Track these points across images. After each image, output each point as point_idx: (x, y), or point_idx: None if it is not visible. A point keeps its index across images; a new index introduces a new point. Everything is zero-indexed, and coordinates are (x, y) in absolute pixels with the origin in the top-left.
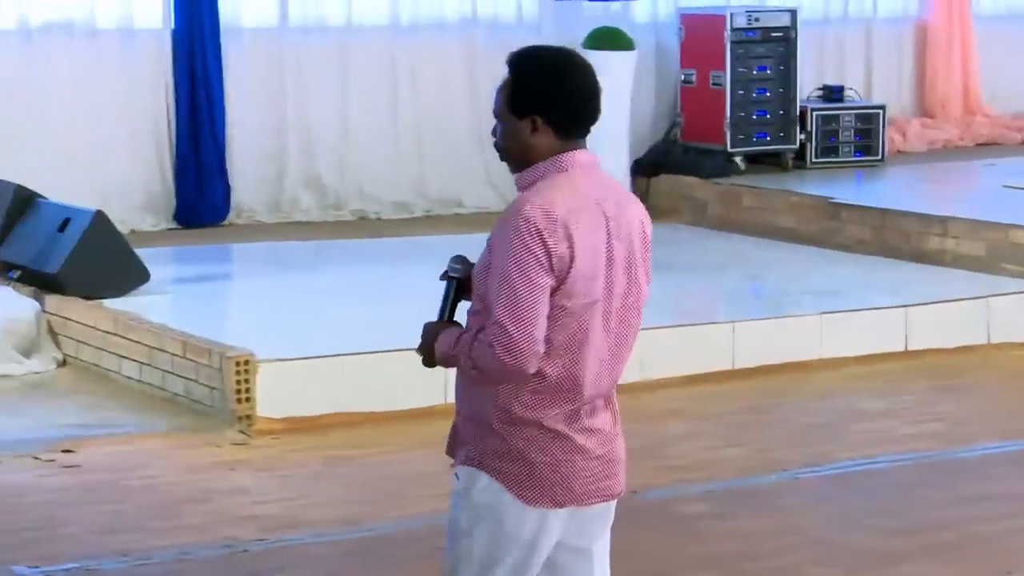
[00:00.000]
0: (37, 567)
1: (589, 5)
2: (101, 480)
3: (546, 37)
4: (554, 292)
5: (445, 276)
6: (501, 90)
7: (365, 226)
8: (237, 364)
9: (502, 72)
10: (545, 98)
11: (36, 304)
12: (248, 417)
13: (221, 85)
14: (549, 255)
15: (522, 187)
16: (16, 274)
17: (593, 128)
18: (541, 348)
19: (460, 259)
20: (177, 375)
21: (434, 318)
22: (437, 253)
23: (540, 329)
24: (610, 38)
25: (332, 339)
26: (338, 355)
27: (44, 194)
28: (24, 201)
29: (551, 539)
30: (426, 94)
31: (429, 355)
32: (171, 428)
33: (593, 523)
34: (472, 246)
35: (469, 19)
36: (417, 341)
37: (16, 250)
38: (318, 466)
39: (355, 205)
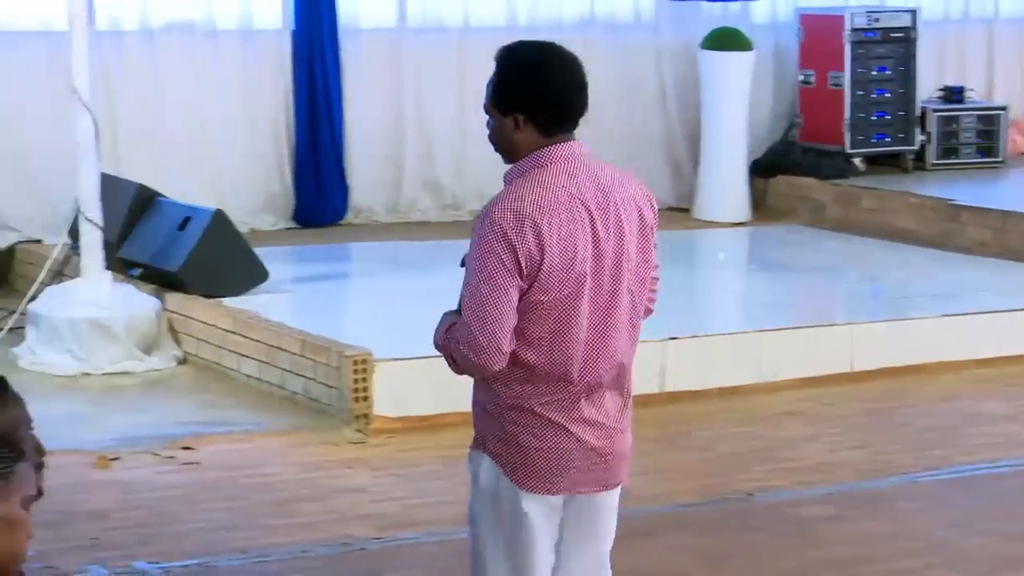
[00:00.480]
0: (156, 563)
1: (708, 6)
2: (219, 477)
3: (663, 38)
4: (528, 289)
5: (464, 264)
6: (488, 86)
7: None
8: (355, 363)
9: (618, 72)
10: (526, 96)
11: (157, 302)
12: (365, 416)
13: (339, 85)
14: (516, 255)
15: (506, 183)
16: (137, 272)
17: (714, 127)
18: (506, 346)
19: None
20: (295, 374)
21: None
22: None
23: (505, 328)
24: (728, 39)
25: None
26: None
27: (165, 193)
28: (145, 200)
29: (550, 522)
30: None
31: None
32: (289, 426)
33: (590, 510)
34: None
35: (587, 20)
36: None
37: (137, 248)
38: (433, 465)
39: (472, 205)
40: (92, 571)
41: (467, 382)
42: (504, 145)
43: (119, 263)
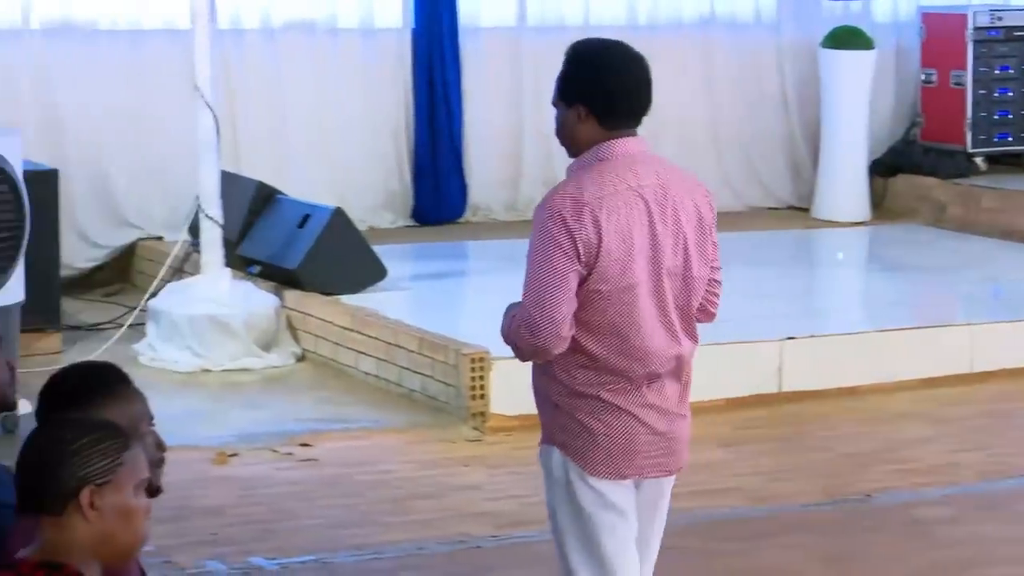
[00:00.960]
0: (273, 559)
1: (829, 4)
2: (336, 474)
3: (784, 36)
4: (587, 277)
5: None
6: (557, 79)
7: None
8: (472, 361)
9: (740, 73)
10: (589, 89)
11: (275, 299)
12: (482, 414)
13: (459, 84)
14: (574, 241)
15: (568, 174)
16: (256, 269)
17: (834, 126)
18: (564, 330)
19: None
20: (413, 371)
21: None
22: None
23: (562, 313)
24: (849, 38)
25: None
26: None
27: (285, 191)
28: (265, 198)
29: (621, 507)
30: (663, 94)
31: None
32: (406, 424)
33: (654, 494)
34: None
35: (707, 18)
36: None
37: (257, 246)
38: None
39: None
40: (210, 566)
41: None
42: (567, 137)
43: (238, 260)
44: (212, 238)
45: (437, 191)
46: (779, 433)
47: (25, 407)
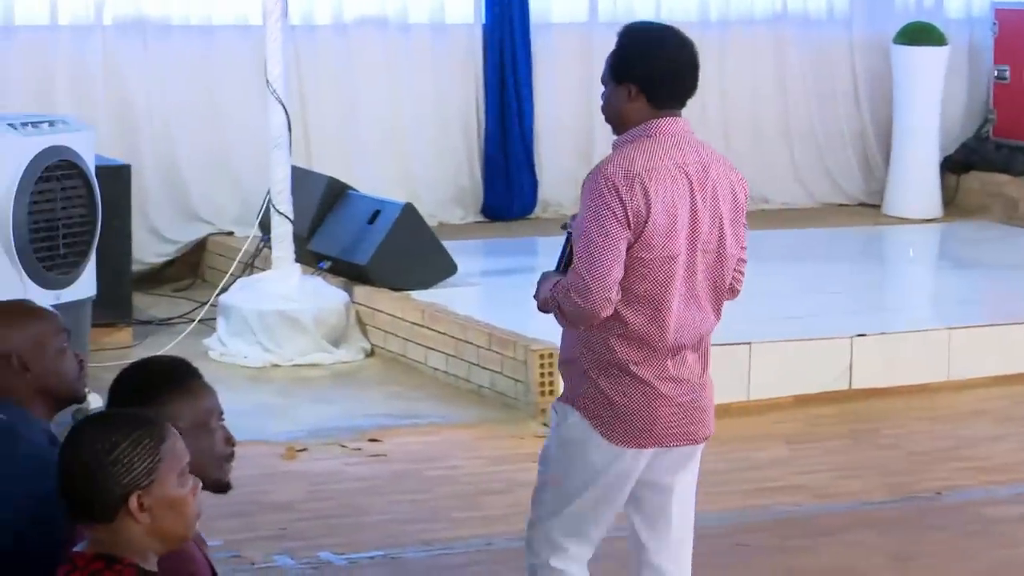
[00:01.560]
0: (342, 554)
1: (902, 0)
2: (405, 470)
3: (857, 32)
4: (633, 244)
5: (565, 227)
6: (608, 58)
7: None
8: (541, 357)
9: (812, 69)
10: (641, 68)
11: (345, 295)
12: None
13: (530, 80)
14: (625, 209)
15: (615, 149)
16: (326, 265)
17: (906, 123)
18: (614, 294)
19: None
20: (482, 367)
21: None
22: None
23: (613, 276)
24: (922, 34)
25: None
26: None
27: (355, 187)
28: (336, 193)
29: (632, 477)
30: (733, 89)
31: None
32: (475, 419)
33: (676, 463)
34: (777, 243)
35: (779, 14)
36: None
37: (327, 241)
38: None
39: None
40: (279, 561)
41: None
42: (615, 114)
43: (309, 256)
44: (283, 233)
45: (508, 187)
46: (847, 430)
47: (96, 401)
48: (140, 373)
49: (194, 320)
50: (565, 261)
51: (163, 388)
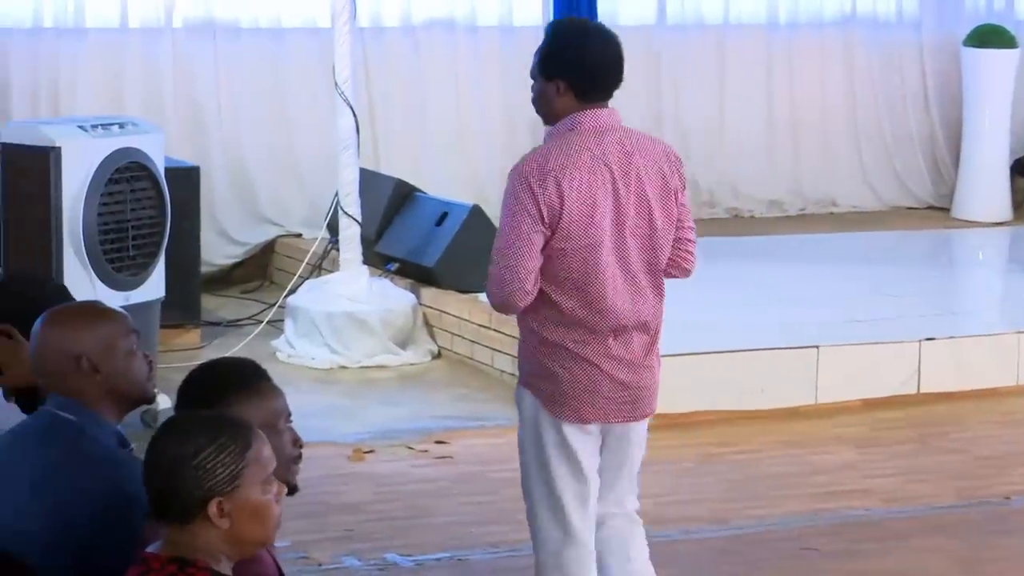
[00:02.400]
0: (409, 555)
1: (972, 2)
2: (472, 472)
3: (926, 34)
4: (552, 236)
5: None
6: (535, 54)
7: (738, 224)
8: None
9: (881, 72)
10: (569, 64)
11: (412, 297)
12: None
13: None
14: (538, 204)
15: (544, 141)
16: (394, 267)
17: (976, 126)
18: (529, 285)
19: None
20: None
21: None
22: (809, 252)
23: (526, 268)
24: (992, 36)
25: (702, 336)
26: (709, 352)
27: (423, 188)
28: (403, 195)
29: (587, 451)
30: (802, 92)
31: None
32: None
33: (622, 438)
34: (845, 246)
35: (848, 16)
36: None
37: (394, 243)
38: (687, 463)
39: (729, 203)
40: (346, 563)
41: (724, 379)
42: (545, 109)
43: (376, 258)
44: (350, 235)
45: None
46: (915, 434)
47: (164, 402)
48: (209, 374)
49: (262, 322)
50: None
51: (232, 390)
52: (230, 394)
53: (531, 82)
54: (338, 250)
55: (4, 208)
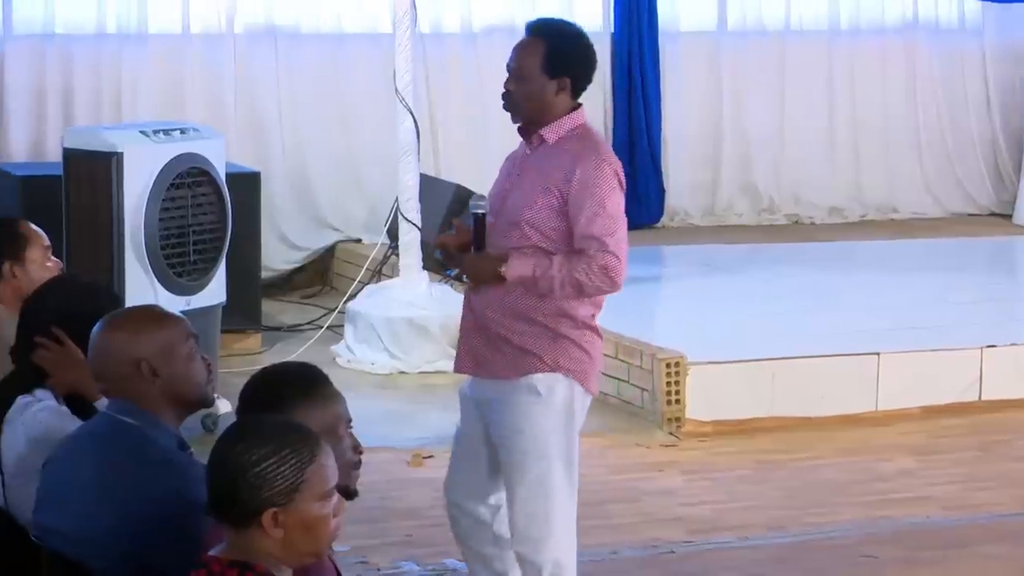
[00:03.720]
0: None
1: None
2: None
3: (989, 41)
4: None
5: (474, 212)
6: (525, 49)
7: (798, 230)
8: (667, 365)
9: (943, 78)
10: (577, 64)
11: None
12: (677, 419)
13: (658, 88)
14: (624, 193)
15: (559, 135)
16: (454, 272)
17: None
18: None
19: (482, 196)
20: (608, 375)
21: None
22: (870, 259)
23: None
24: None
25: (762, 342)
26: (768, 359)
27: (483, 194)
28: (464, 201)
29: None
30: (864, 99)
31: (495, 278)
32: (601, 428)
33: None
34: (907, 253)
35: (910, 23)
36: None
37: None
38: (746, 470)
39: (789, 209)
40: (405, 567)
41: (783, 386)
42: (537, 105)
43: (436, 263)
44: (410, 241)
45: (634, 195)
46: (977, 442)
47: (224, 407)
48: (270, 379)
49: (322, 327)
50: (482, 243)
51: (293, 395)
52: (291, 399)
53: (528, 80)
54: (398, 255)
55: (67, 213)
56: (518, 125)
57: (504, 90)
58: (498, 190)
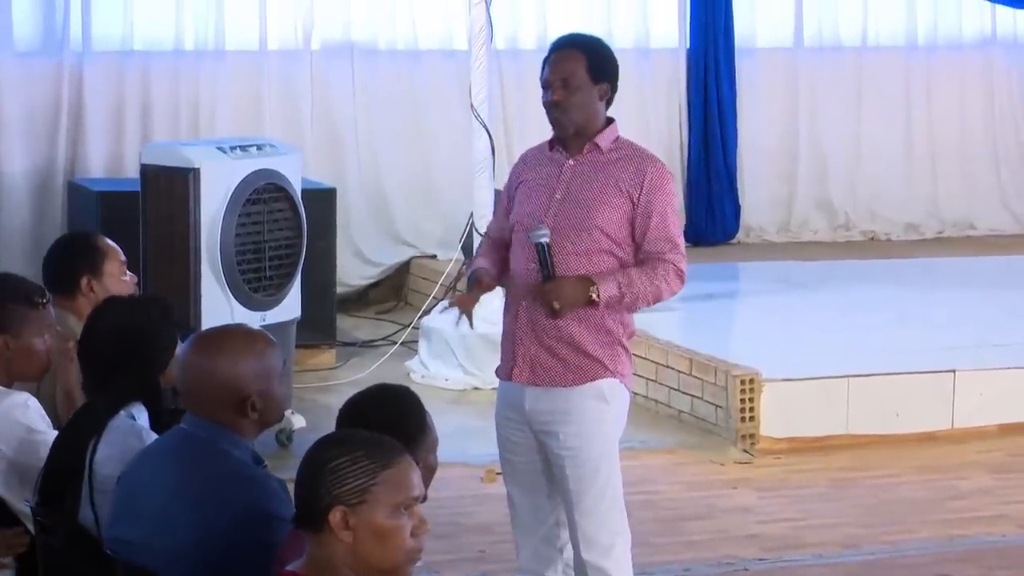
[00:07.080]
0: None
1: None
2: None
3: None
4: None
5: (539, 241)
6: (569, 60)
7: (874, 247)
8: (742, 382)
9: (1020, 94)
10: (613, 71)
11: None
12: (751, 436)
13: (734, 104)
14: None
15: (608, 143)
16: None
17: None
18: None
19: (541, 223)
20: (682, 392)
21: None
22: (947, 276)
23: None
24: None
25: (838, 359)
26: (844, 376)
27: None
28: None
29: None
30: (941, 115)
31: (587, 304)
32: (675, 444)
33: None
34: (985, 269)
35: (988, 38)
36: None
37: None
38: (821, 487)
39: (865, 226)
40: None
41: (859, 403)
42: (586, 113)
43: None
44: None
45: (711, 211)
46: None
47: (299, 422)
48: (365, 404)
49: (396, 342)
50: (550, 272)
51: (384, 421)
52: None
53: (579, 89)
54: None
55: (144, 228)
56: (554, 136)
57: (550, 101)
58: (539, 201)
